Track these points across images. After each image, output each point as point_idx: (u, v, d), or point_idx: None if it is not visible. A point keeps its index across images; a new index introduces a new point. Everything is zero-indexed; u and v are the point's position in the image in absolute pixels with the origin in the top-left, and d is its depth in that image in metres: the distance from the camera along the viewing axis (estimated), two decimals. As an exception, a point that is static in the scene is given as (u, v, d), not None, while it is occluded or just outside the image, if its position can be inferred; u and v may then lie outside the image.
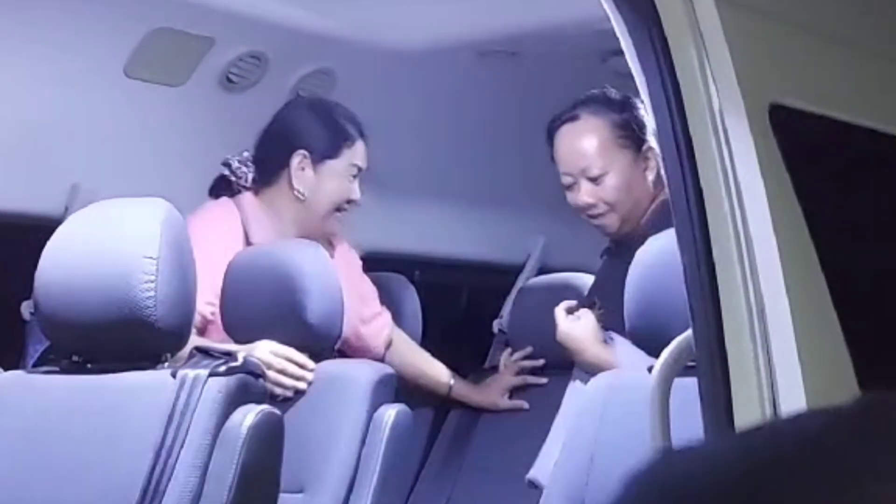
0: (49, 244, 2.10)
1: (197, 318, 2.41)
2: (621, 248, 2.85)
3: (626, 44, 1.75)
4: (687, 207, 1.70)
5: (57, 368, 2.13)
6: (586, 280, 3.26)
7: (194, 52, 3.07)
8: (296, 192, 3.01)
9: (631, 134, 2.90)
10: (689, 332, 1.75)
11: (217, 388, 1.97)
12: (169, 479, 1.91)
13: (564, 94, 3.48)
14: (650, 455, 1.52)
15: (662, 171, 1.73)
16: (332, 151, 2.97)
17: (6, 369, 2.34)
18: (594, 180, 2.88)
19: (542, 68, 3.31)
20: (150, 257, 2.00)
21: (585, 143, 2.91)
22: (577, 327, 2.80)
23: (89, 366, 2.10)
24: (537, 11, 3.05)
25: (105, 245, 2.04)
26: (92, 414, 2.04)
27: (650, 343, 2.39)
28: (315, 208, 3.03)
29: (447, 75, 3.40)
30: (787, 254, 1.68)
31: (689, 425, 1.78)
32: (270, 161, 3.06)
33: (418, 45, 3.26)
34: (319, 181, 3.00)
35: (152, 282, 1.99)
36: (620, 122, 2.91)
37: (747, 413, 1.66)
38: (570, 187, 2.93)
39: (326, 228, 3.04)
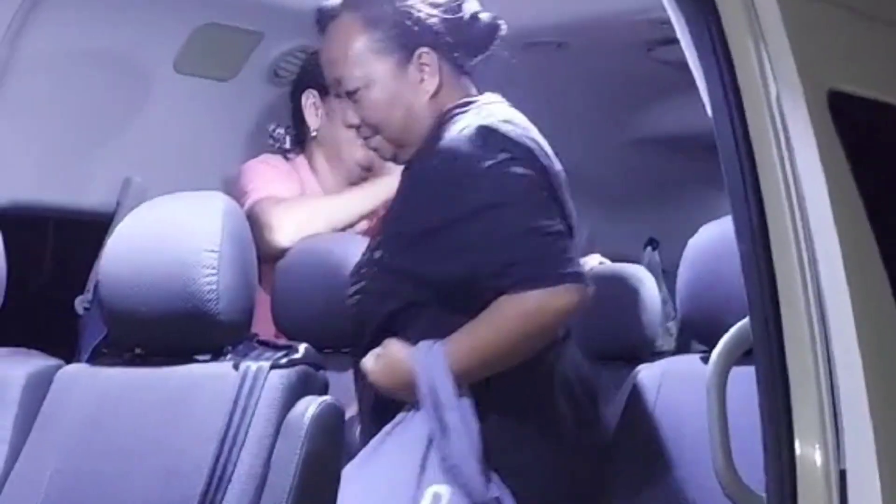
0: (111, 239, 2.13)
1: None
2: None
3: (682, 33, 1.75)
4: (744, 195, 1.70)
5: (119, 361, 2.15)
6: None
7: (243, 46, 3.10)
8: (312, 133, 3.06)
9: (394, 35, 2.37)
10: (746, 320, 1.75)
11: (279, 379, 1.98)
12: (233, 469, 1.93)
13: (611, 85, 3.49)
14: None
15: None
16: None
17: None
18: (351, 94, 2.39)
19: (589, 59, 3.31)
20: (212, 251, 2.02)
21: (338, 46, 2.40)
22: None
23: (151, 358, 2.12)
24: (585, 1, 3.05)
25: (167, 239, 2.06)
26: (155, 405, 2.06)
27: (704, 331, 2.40)
28: (332, 143, 3.04)
29: (491, 66, 3.40)
30: (847, 241, 1.67)
31: (746, 414, 1.78)
32: (295, 112, 3.12)
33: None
34: (329, 116, 3.03)
35: (214, 275, 2.01)
36: (377, 20, 2.37)
37: (805, 402, 1.66)
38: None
39: (357, 159, 3.04)
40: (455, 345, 2.22)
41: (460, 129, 2.31)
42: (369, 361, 2.28)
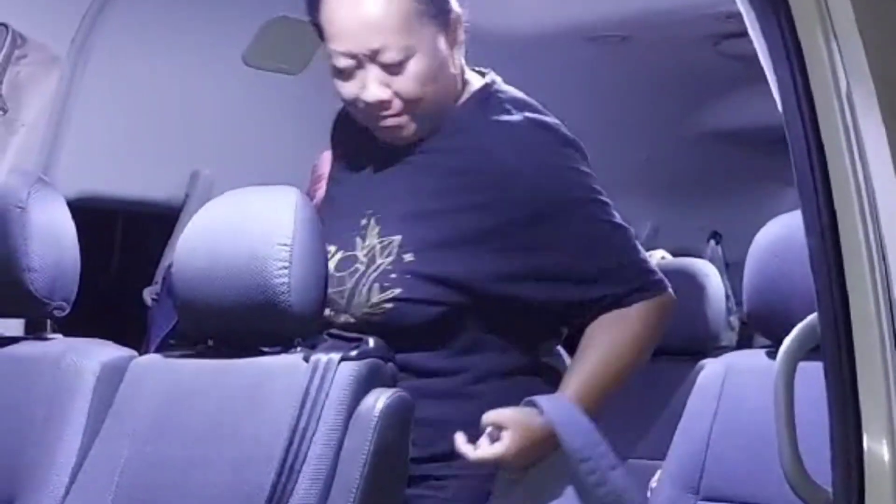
0: (185, 232, 2.16)
1: None
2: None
3: (752, 26, 1.74)
4: (814, 190, 1.69)
5: (191, 352, 2.18)
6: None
7: (312, 40, 3.11)
8: None
9: None
10: (814, 315, 1.75)
11: (349, 372, 2.00)
12: (304, 460, 1.95)
13: (676, 79, 3.48)
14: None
15: None
16: None
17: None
18: (389, 67, 2.08)
19: (653, 53, 3.31)
20: (284, 244, 2.04)
21: (377, 9, 2.06)
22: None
23: (223, 350, 2.15)
24: (650, -5, 3.05)
25: (240, 233, 2.08)
26: (227, 396, 2.09)
27: (770, 326, 2.39)
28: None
29: (555, 60, 3.41)
30: (918, 237, 1.66)
31: (812, 410, 1.78)
32: None
33: (526, 31, 3.28)
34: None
35: (286, 268, 2.03)
36: None
37: (873, 398, 1.65)
38: (347, 74, 2.11)
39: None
40: (578, 388, 2.06)
41: (506, 117, 2.14)
42: (495, 450, 2.02)
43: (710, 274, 3.11)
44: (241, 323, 2.08)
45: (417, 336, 2.10)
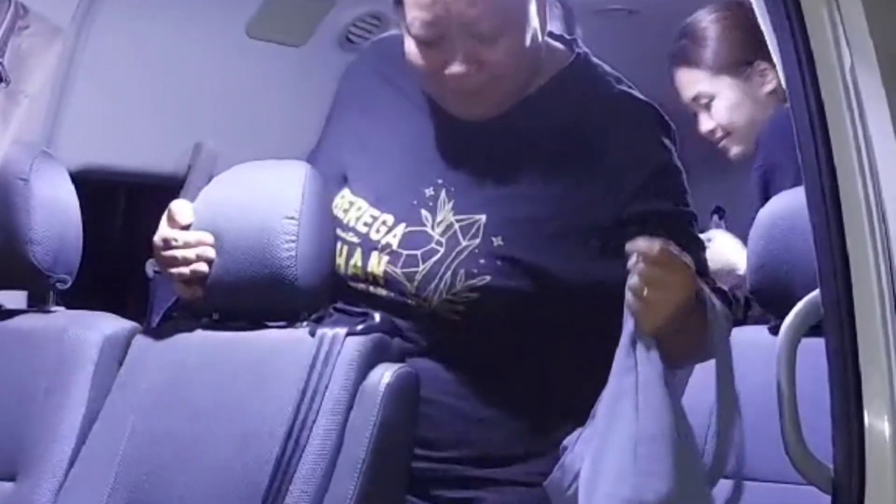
0: (194, 205, 2.15)
1: None
2: None
3: (756, 2, 1.74)
4: (817, 167, 1.69)
5: (196, 325, 2.18)
6: None
7: (315, 12, 3.11)
8: None
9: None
10: (817, 292, 1.75)
11: (355, 346, 2.00)
12: (309, 434, 1.95)
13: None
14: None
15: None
16: None
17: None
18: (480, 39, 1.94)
19: (660, 27, 3.29)
20: (292, 218, 2.04)
21: None
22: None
23: (228, 323, 2.15)
24: (657, -32, 3.04)
25: (247, 206, 2.09)
26: (232, 370, 2.09)
27: (773, 302, 2.39)
28: None
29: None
30: (921, 214, 1.66)
31: (814, 386, 1.78)
32: None
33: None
34: None
35: (293, 242, 2.03)
36: None
37: (874, 374, 1.66)
38: (430, 44, 1.96)
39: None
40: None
41: (603, 91, 2.03)
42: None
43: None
44: (247, 296, 2.08)
45: (499, 328, 1.95)
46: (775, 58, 1.76)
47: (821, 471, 1.72)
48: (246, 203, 2.09)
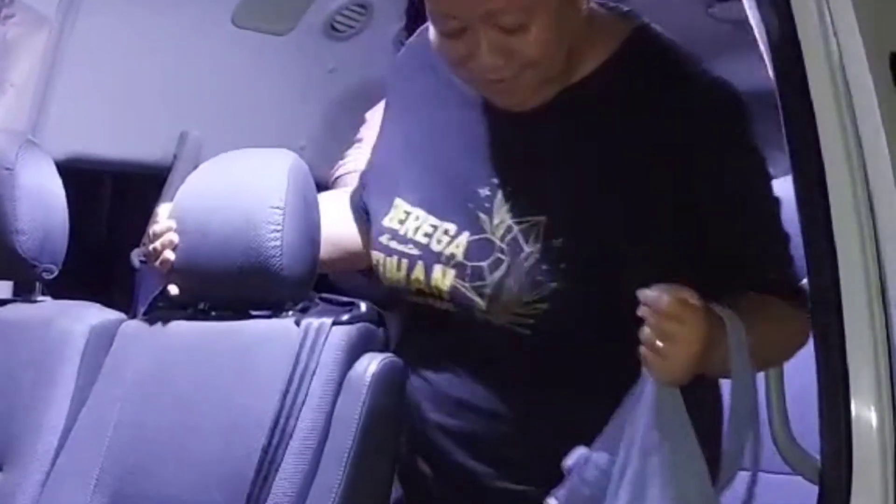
0: (178, 194, 2.15)
1: None
2: None
3: (744, -8, 1.74)
4: (805, 156, 1.69)
5: (182, 315, 2.18)
6: None
7: (301, 1, 3.10)
8: None
9: None
10: (804, 282, 1.76)
11: (340, 336, 1.99)
12: (295, 424, 1.94)
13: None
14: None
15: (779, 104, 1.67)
16: None
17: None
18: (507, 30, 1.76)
19: (645, 15, 3.29)
20: (277, 207, 2.03)
21: None
22: None
23: (214, 313, 2.14)
24: (643, -43, 3.03)
25: (233, 195, 2.08)
26: (218, 360, 2.08)
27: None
28: None
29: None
30: (909, 204, 1.66)
31: (801, 375, 1.79)
32: None
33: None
34: None
35: (279, 231, 2.02)
36: None
37: (862, 364, 1.66)
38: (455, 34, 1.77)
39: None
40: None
41: (677, 73, 1.79)
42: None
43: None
44: (233, 286, 2.07)
45: (571, 339, 1.76)
46: (762, 48, 1.76)
47: (808, 461, 1.73)
48: (231, 192, 2.08)
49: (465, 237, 1.82)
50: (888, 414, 1.63)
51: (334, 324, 2.00)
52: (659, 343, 1.58)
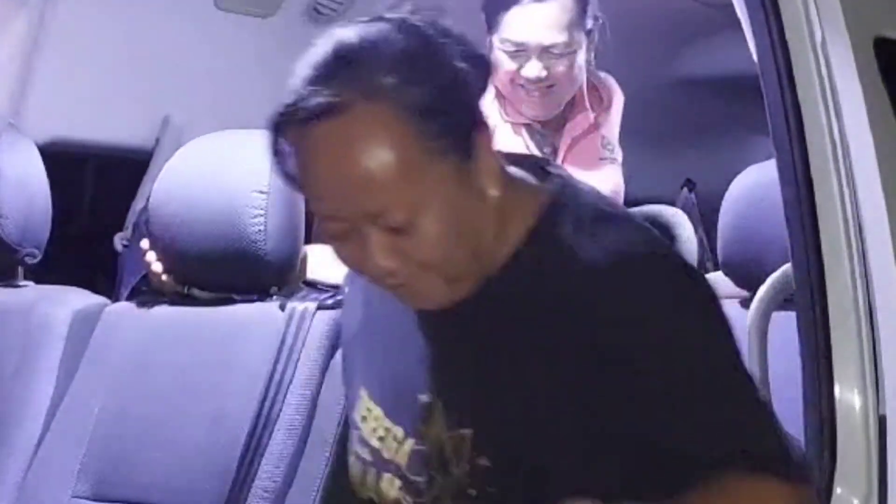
0: (159, 178, 2.14)
1: None
2: None
3: (728, -25, 1.74)
4: (789, 140, 1.69)
5: (165, 300, 2.17)
6: None
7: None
8: None
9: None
10: (788, 265, 1.76)
11: (325, 321, 1.99)
12: (280, 409, 1.94)
13: (651, 25, 3.46)
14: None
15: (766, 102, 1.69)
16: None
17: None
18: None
19: (633, 1, 3.29)
20: (261, 191, 2.02)
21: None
22: None
23: (197, 298, 2.14)
24: (626, -62, 3.03)
25: (215, 179, 2.07)
26: (202, 345, 2.08)
27: (744, 275, 2.39)
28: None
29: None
30: (891, 188, 1.67)
31: (785, 359, 1.79)
32: None
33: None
34: None
35: (262, 215, 2.02)
36: None
37: (845, 348, 1.66)
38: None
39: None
40: None
41: (589, 244, 1.51)
42: None
43: (682, 222, 3.11)
44: (216, 271, 2.07)
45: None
46: (746, 32, 1.76)
47: (792, 443, 1.72)
48: (213, 175, 2.07)
49: (409, 445, 1.61)
50: (871, 395, 1.63)
51: (319, 308, 1.99)
52: None
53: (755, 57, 1.75)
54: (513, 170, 1.57)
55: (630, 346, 1.45)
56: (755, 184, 2.38)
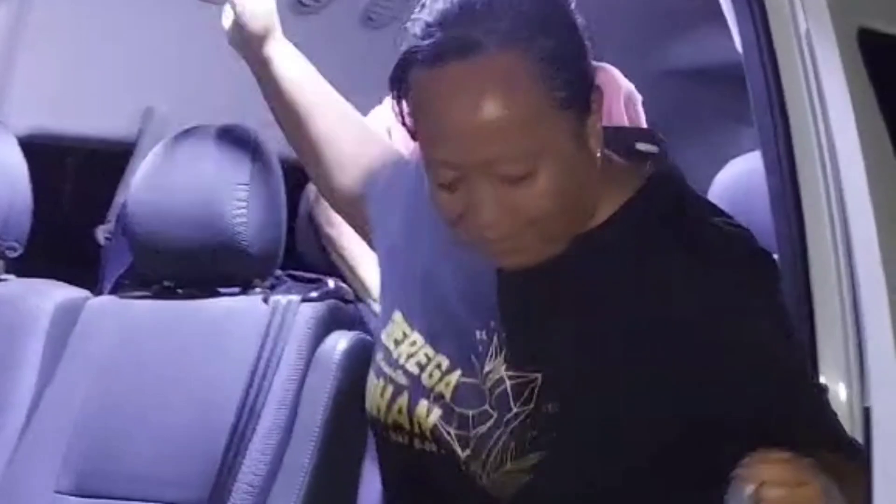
0: (140, 170, 2.13)
1: None
2: None
3: (713, -34, 1.74)
4: (773, 131, 1.70)
5: (148, 293, 2.16)
6: None
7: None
8: None
9: None
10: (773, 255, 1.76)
11: (309, 313, 1.99)
12: (265, 401, 1.94)
13: (636, 15, 3.46)
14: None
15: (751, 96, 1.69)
16: None
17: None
18: None
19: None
20: (243, 184, 2.02)
21: None
22: None
23: (180, 291, 2.13)
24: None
25: (197, 172, 2.06)
26: (185, 338, 2.07)
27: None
28: None
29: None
30: (875, 178, 1.67)
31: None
32: None
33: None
34: None
35: (244, 208, 2.01)
36: None
37: (830, 338, 1.67)
38: None
39: None
40: None
41: (690, 229, 1.54)
42: None
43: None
44: (199, 264, 2.06)
45: None
46: (731, 23, 1.76)
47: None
48: (195, 168, 2.07)
49: (455, 376, 1.60)
50: (856, 386, 1.64)
51: (303, 300, 1.99)
52: None
53: (740, 48, 1.75)
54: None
55: (716, 340, 1.45)
56: (741, 174, 2.39)
